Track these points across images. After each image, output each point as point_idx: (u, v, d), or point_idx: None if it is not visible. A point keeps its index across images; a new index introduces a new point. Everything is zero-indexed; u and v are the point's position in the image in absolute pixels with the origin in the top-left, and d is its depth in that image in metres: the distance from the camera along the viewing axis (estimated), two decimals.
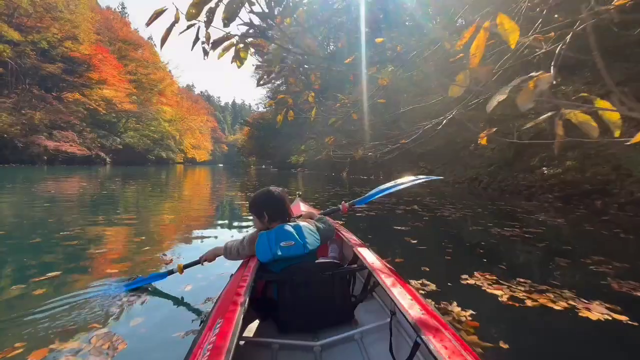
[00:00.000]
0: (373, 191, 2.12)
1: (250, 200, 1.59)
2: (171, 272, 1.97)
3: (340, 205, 2.00)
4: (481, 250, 3.06)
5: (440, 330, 0.82)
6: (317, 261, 1.46)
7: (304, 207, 2.62)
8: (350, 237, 1.77)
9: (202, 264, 1.79)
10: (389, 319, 1.25)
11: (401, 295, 1.02)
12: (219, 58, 1.62)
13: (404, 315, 0.92)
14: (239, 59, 1.58)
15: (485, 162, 11.87)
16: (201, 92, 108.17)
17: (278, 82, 35.90)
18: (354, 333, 1.26)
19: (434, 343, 0.76)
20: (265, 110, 44.97)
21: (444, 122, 2.19)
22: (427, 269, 2.42)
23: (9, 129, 24.23)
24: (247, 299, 1.05)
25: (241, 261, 1.55)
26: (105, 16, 39.01)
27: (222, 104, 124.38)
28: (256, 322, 1.37)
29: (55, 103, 29.20)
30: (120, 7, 58.98)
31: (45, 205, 5.40)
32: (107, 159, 32.55)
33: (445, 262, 2.69)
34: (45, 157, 26.03)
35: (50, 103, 28.83)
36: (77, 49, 29.62)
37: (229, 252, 1.56)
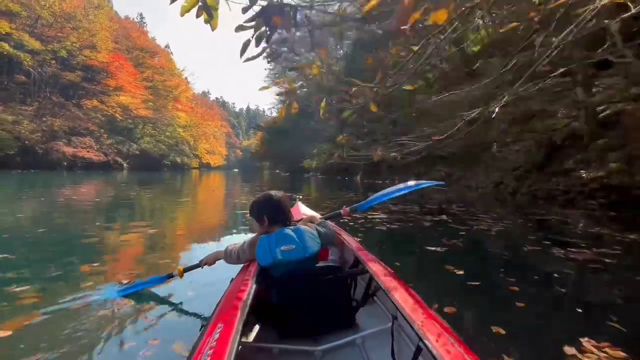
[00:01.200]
0: (374, 196, 2.07)
1: (250, 204, 1.57)
2: (171, 276, 1.95)
3: (342, 210, 1.98)
4: (562, 289, 2.16)
5: (443, 334, 0.80)
6: (317, 265, 1.43)
7: (304, 211, 2.60)
8: (351, 241, 1.74)
9: (202, 268, 1.79)
10: (390, 324, 1.23)
11: (403, 300, 1.01)
12: (182, 14, 1.13)
13: (405, 320, 0.91)
14: (207, 11, 1.07)
15: (510, 165, 11.09)
16: (216, 98, 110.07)
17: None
18: (355, 338, 1.25)
19: (436, 348, 0.74)
20: (277, 115, 44.95)
21: (495, 110, 1.61)
22: (502, 332, 1.56)
23: (30, 136, 24.96)
24: (248, 304, 1.04)
25: (241, 265, 1.53)
26: (123, 25, 40.13)
27: (237, 109, 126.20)
28: (257, 327, 1.33)
29: (73, 110, 30.01)
30: (139, 17, 60.87)
31: (60, 209, 5.44)
32: (124, 165, 33.15)
33: (523, 316, 1.78)
34: (65, 163, 26.70)
35: (69, 110, 29.64)
36: (95, 57, 30.42)
37: (229, 256, 1.55)
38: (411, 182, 2.10)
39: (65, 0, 27.22)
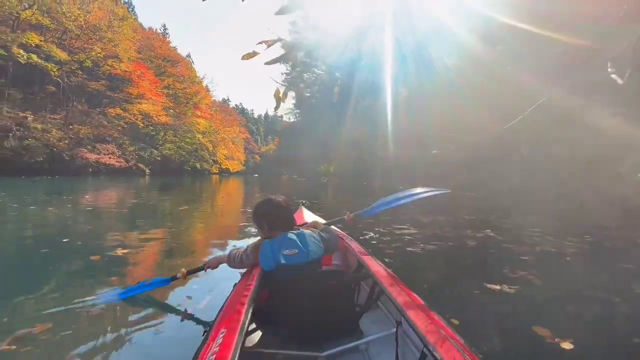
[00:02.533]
0: (377, 203, 2.06)
1: (253, 210, 1.57)
2: (175, 278, 1.91)
3: (345, 216, 1.97)
4: None
5: (448, 340, 0.79)
6: (320, 270, 1.41)
7: (308, 216, 2.52)
8: (355, 246, 1.73)
9: (205, 271, 1.80)
10: (394, 329, 1.22)
11: (407, 305, 0.99)
12: None
13: (410, 325, 0.90)
14: None
15: (548, 168, 10.09)
16: (236, 105, 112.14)
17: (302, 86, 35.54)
18: (359, 343, 1.23)
19: (441, 354, 0.74)
20: (294, 120, 44.96)
21: None
22: None
23: (58, 143, 25.90)
24: (251, 309, 1.04)
25: (245, 270, 1.52)
26: (146, 36, 41.43)
27: (256, 116, 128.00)
28: (260, 332, 1.34)
29: (98, 118, 31.04)
30: (162, 28, 63.02)
31: (79, 214, 5.49)
32: (147, 170, 33.90)
33: None
34: (90, 169, 27.52)
35: (94, 118, 30.69)
36: (119, 67, 31.39)
37: (232, 260, 1.55)
38: (417, 189, 2.07)
39: (90, 13, 28.28)
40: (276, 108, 1.66)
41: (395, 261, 2.76)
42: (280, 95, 1.58)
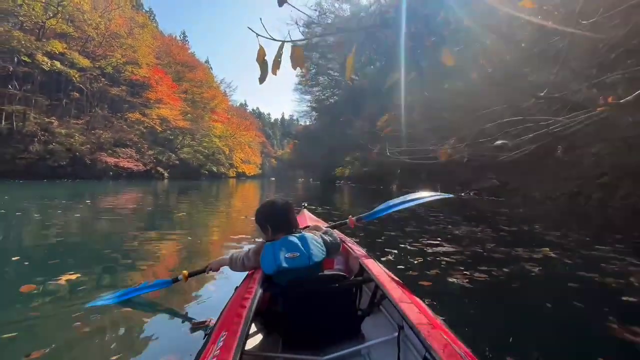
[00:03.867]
0: (381, 206, 2.00)
1: (255, 212, 1.55)
2: (176, 280, 1.87)
3: (348, 220, 1.93)
4: None
5: (450, 345, 0.78)
6: (322, 273, 1.40)
7: (310, 219, 2.53)
8: (357, 249, 1.73)
9: (207, 273, 1.79)
10: (396, 334, 1.21)
11: (409, 309, 0.98)
12: None
13: (412, 330, 0.89)
14: None
15: (589, 172, 9.09)
16: (252, 109, 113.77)
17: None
18: (360, 348, 1.22)
19: (443, 359, 0.72)
20: (309, 123, 44.70)
21: None
22: None
23: (80, 148, 26.65)
24: (252, 312, 1.03)
25: (246, 273, 1.51)
26: (165, 42, 42.43)
27: (272, 120, 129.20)
28: (261, 336, 1.34)
29: (119, 122, 31.85)
30: (182, 35, 64.57)
31: (87, 216, 5.55)
32: (165, 174, 34.43)
33: None
34: (111, 173, 28.15)
35: (114, 123, 31.51)
36: (138, 72, 32.15)
37: (234, 263, 1.55)
38: (422, 193, 2.02)
39: (111, 20, 29.11)
40: (261, 79, 1.11)
41: (438, 302, 1.92)
42: (266, 58, 1.02)
